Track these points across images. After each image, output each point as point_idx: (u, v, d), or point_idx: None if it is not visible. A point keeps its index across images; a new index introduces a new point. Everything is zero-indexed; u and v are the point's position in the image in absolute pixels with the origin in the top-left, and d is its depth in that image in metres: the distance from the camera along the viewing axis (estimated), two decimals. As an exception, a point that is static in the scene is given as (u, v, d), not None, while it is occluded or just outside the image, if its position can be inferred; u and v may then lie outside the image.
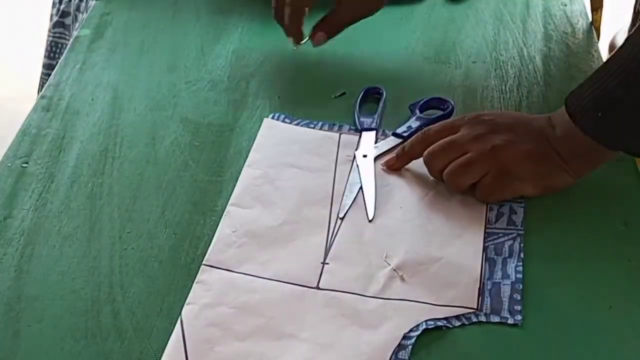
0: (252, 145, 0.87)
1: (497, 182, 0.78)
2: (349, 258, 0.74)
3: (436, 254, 0.74)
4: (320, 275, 0.72)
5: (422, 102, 0.91)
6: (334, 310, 0.69)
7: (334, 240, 0.76)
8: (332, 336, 0.67)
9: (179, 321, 0.68)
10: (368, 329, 0.68)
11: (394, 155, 0.83)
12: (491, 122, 0.80)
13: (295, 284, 0.72)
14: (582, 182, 0.79)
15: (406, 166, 0.83)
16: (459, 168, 0.79)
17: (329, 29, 0.97)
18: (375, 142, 0.87)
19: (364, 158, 0.85)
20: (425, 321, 0.68)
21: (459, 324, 0.68)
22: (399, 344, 0.66)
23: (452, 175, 0.79)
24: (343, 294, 0.71)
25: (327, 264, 0.73)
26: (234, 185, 0.82)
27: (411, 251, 0.73)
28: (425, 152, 0.81)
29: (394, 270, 0.72)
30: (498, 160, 0.78)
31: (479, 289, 0.71)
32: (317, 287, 0.71)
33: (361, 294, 0.71)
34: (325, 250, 0.75)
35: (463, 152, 0.79)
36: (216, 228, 0.77)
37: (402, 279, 0.72)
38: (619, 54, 0.75)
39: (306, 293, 0.71)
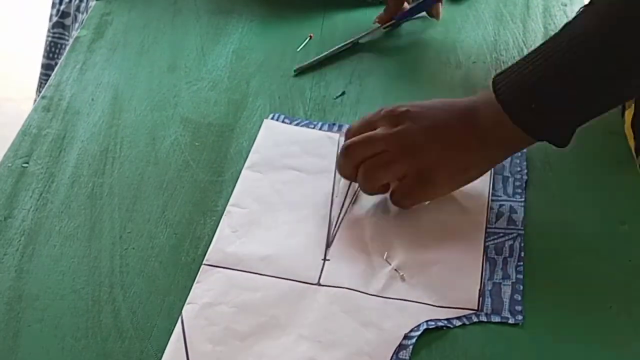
0: (252, 145, 0.87)
1: (415, 186, 0.76)
2: (349, 256, 0.74)
3: (437, 254, 0.74)
4: (321, 271, 0.72)
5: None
6: (335, 306, 0.69)
7: (334, 237, 0.76)
8: (333, 334, 0.67)
9: (179, 321, 0.68)
10: (369, 327, 0.68)
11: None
12: (409, 115, 0.76)
13: (296, 281, 0.71)
14: (582, 182, 0.80)
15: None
16: (378, 164, 0.75)
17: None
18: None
19: None
20: (426, 321, 0.68)
21: (459, 324, 0.68)
22: (400, 344, 0.66)
23: (367, 172, 0.76)
24: (344, 290, 0.71)
25: (328, 260, 0.73)
26: (234, 186, 0.82)
27: (412, 251, 0.73)
28: (340, 149, 0.78)
29: (395, 270, 0.72)
30: (418, 161, 0.75)
31: (480, 290, 0.71)
32: (318, 284, 0.71)
33: (362, 290, 0.71)
34: (326, 248, 0.75)
35: (381, 149, 0.76)
36: (216, 228, 0.77)
37: (403, 279, 0.72)
38: (554, 39, 0.73)
39: (307, 290, 0.71)
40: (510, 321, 0.68)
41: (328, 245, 0.75)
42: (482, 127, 0.75)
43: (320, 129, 0.89)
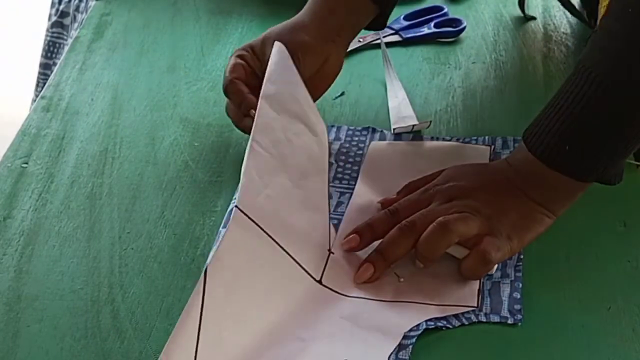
0: None
1: (496, 239, 0.71)
2: (350, 258, 0.73)
3: None
4: (325, 266, 0.72)
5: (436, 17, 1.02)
6: (334, 311, 0.69)
7: (338, 227, 0.76)
8: (332, 337, 0.67)
9: (202, 277, 0.62)
10: (368, 329, 0.67)
11: (355, 235, 0.73)
12: (461, 188, 0.74)
13: (304, 268, 0.70)
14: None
15: (405, 165, 0.83)
16: (454, 218, 0.70)
17: None
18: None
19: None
20: (426, 321, 0.68)
21: (458, 324, 0.68)
22: (400, 344, 0.66)
23: (445, 225, 0.70)
24: (343, 296, 0.70)
25: (333, 253, 0.73)
26: (234, 186, 0.81)
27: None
28: (404, 223, 0.71)
29: (395, 273, 0.72)
30: (489, 220, 0.71)
31: (478, 289, 0.70)
32: (320, 282, 0.71)
33: (361, 296, 0.70)
34: (329, 248, 0.74)
35: (449, 211, 0.71)
36: (216, 228, 0.77)
37: (401, 280, 0.72)
38: (572, 80, 0.71)
39: (309, 288, 0.70)
40: (509, 321, 0.68)
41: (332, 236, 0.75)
42: (529, 187, 0.73)
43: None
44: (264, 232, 0.68)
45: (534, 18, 1.06)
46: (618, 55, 0.70)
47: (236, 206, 0.66)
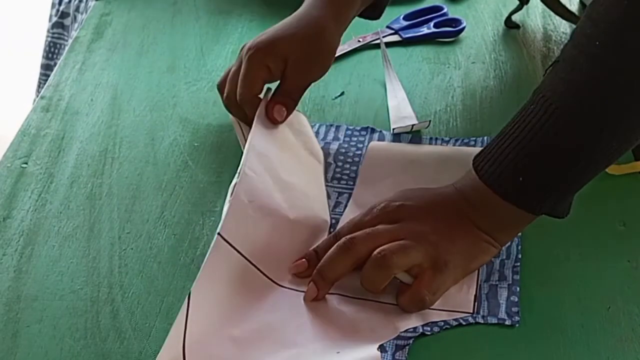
0: None
1: (435, 276, 0.69)
2: None
3: None
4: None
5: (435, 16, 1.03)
6: (331, 314, 0.69)
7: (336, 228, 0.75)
8: (324, 338, 0.67)
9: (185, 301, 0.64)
10: (364, 332, 0.67)
11: (303, 260, 0.72)
12: (406, 210, 0.71)
13: (293, 289, 0.70)
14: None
15: (404, 166, 0.83)
16: (394, 249, 0.68)
17: (284, 100, 0.83)
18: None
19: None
20: (422, 326, 0.67)
21: (455, 324, 0.68)
22: (396, 345, 0.66)
23: (383, 258, 0.67)
24: (339, 297, 0.70)
25: None
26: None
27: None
28: (343, 240, 0.70)
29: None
30: (433, 249, 0.69)
31: (475, 295, 0.70)
32: None
33: (358, 296, 0.70)
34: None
35: (388, 240, 0.69)
36: (215, 228, 0.77)
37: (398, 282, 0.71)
38: (529, 109, 0.69)
39: (303, 297, 0.70)
40: (507, 322, 0.68)
41: None
42: (478, 216, 0.71)
43: (317, 130, 0.88)
44: (245, 257, 0.69)
45: (518, 27, 1.05)
46: (579, 88, 0.68)
47: (218, 233, 0.67)
